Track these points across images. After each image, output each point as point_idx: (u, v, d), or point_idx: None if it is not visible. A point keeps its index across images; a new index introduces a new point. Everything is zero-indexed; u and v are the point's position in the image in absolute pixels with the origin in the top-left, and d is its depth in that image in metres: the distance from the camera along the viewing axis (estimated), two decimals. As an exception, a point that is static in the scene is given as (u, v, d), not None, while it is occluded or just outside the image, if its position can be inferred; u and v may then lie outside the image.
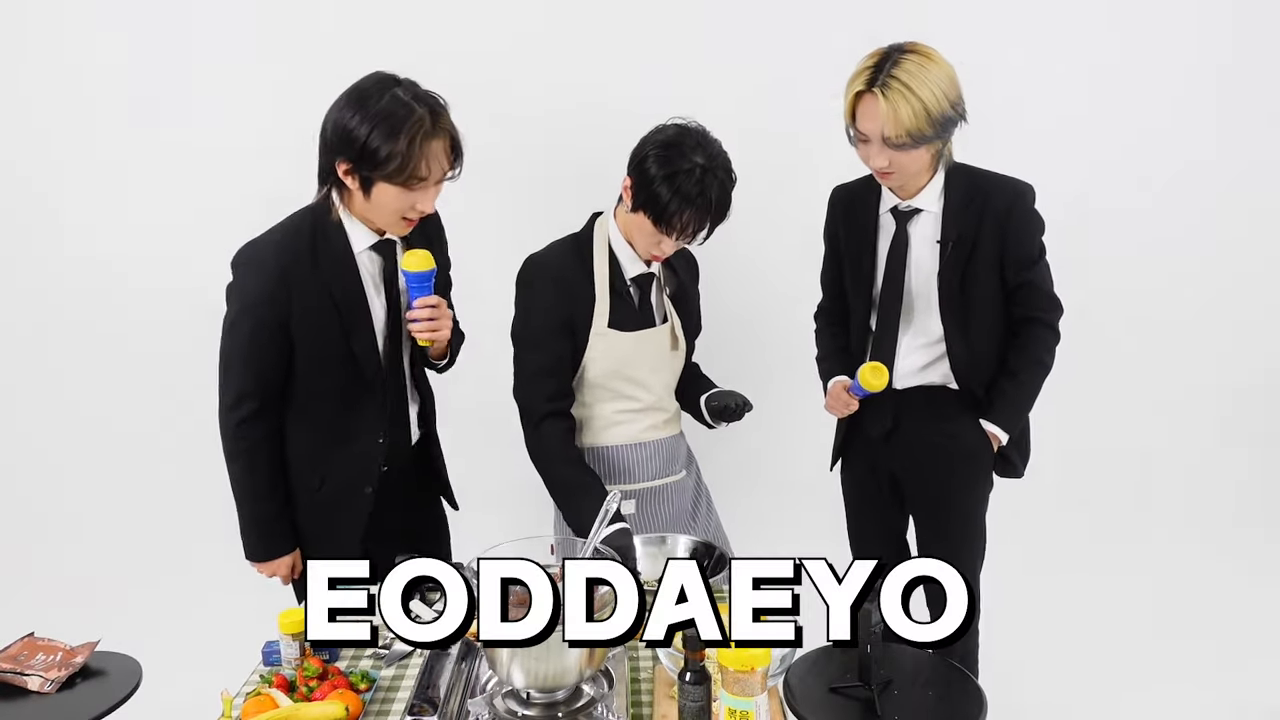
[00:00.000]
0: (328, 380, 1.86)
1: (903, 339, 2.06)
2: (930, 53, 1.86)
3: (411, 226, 1.83)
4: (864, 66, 1.88)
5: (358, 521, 1.94)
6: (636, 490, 2.08)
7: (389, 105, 1.67)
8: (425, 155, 1.69)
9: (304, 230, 1.80)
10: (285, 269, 1.76)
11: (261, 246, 1.81)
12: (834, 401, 2.16)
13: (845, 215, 2.14)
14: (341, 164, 1.71)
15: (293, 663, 1.61)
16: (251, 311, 1.79)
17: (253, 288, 1.78)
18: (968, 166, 2.03)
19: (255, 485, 1.89)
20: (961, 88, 1.87)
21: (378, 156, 1.66)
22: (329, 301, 1.80)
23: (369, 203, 1.75)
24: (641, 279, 2.03)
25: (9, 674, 1.68)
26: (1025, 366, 2.05)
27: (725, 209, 1.89)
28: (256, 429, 1.86)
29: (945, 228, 1.99)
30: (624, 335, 2.00)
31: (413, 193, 1.73)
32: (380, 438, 1.92)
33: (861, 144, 1.92)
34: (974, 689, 1.59)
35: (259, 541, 1.93)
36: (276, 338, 1.79)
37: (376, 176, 1.69)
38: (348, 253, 1.82)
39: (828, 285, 2.28)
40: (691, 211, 1.85)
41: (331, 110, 1.73)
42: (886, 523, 2.26)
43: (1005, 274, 2.01)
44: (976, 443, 2.07)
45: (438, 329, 1.84)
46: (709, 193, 1.84)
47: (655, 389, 2.07)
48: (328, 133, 1.73)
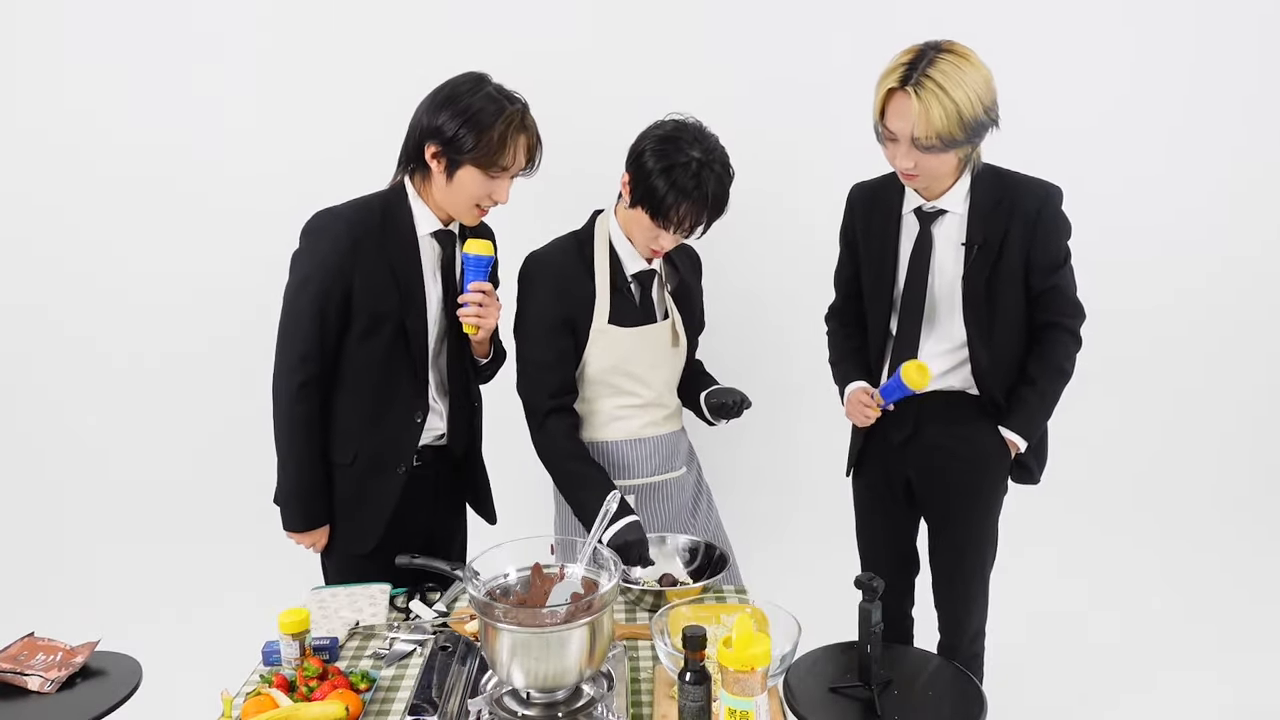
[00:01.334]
0: (378, 355, 1.91)
1: (924, 343, 2.02)
2: (967, 53, 1.80)
3: (482, 216, 1.94)
4: (898, 63, 1.82)
5: (387, 502, 1.96)
6: (636, 486, 2.08)
7: (485, 98, 1.81)
8: (515, 146, 1.83)
9: (375, 208, 1.90)
10: (356, 240, 1.85)
11: (334, 217, 1.89)
12: (854, 409, 2.10)
13: (866, 214, 2.09)
14: (431, 146, 1.83)
15: (293, 663, 1.60)
16: (319, 277, 1.85)
17: (323, 254, 1.86)
18: (995, 167, 1.98)
19: (304, 456, 1.92)
20: (996, 91, 1.82)
21: (470, 141, 1.79)
22: (390, 278, 1.88)
23: (450, 186, 1.86)
24: (642, 275, 2.04)
25: (9, 674, 1.68)
26: (1046, 374, 2.01)
27: (723, 203, 1.90)
28: (314, 395, 1.90)
29: (971, 230, 1.94)
30: (624, 331, 2.01)
31: (493, 180, 1.84)
32: (418, 418, 1.97)
33: (889, 143, 1.88)
34: (974, 689, 1.59)
35: (302, 510, 1.95)
36: (340, 305, 1.87)
37: (465, 159, 1.81)
38: (412, 233, 1.91)
39: (842, 285, 2.24)
40: (688, 205, 1.85)
41: (424, 104, 1.86)
42: (896, 527, 2.23)
43: (1030, 278, 1.97)
44: (995, 449, 2.04)
45: (485, 316, 1.91)
46: (705, 186, 1.84)
47: (655, 385, 2.07)
48: (421, 122, 1.85)
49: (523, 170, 1.89)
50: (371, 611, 1.80)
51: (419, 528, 2.05)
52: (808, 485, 3.21)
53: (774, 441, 3.33)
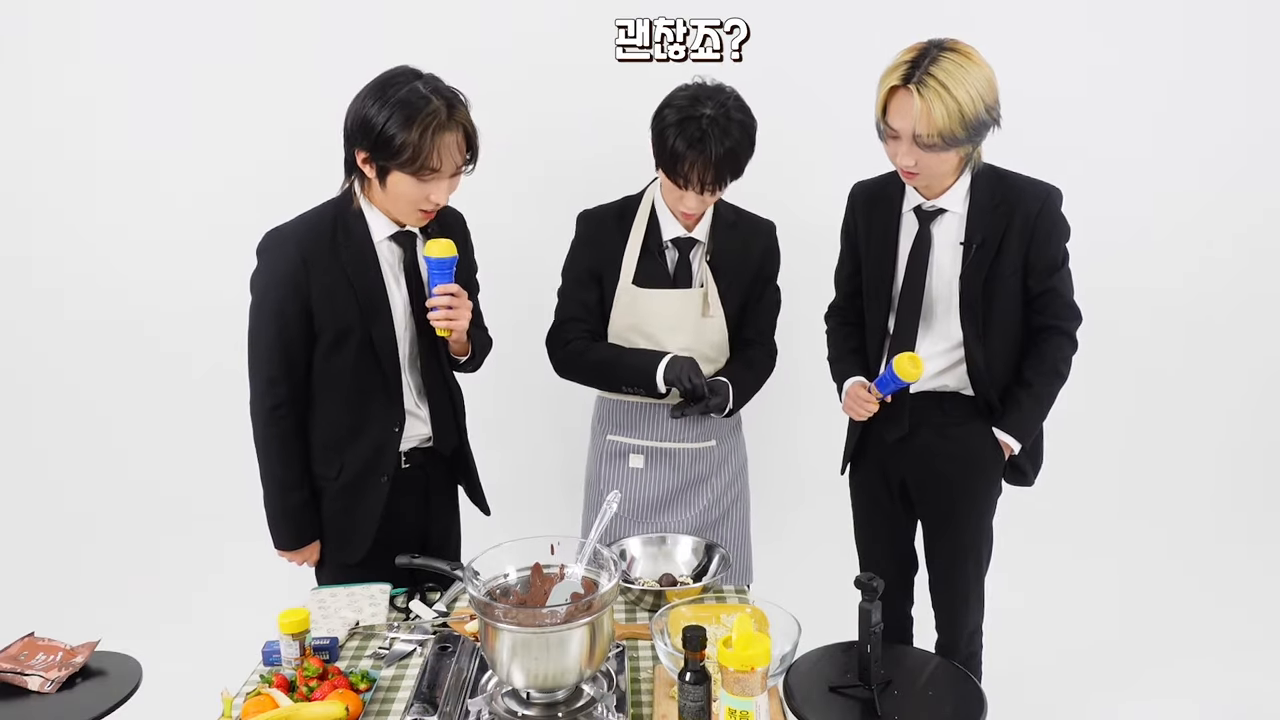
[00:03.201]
0: (348, 369, 1.88)
1: (921, 342, 2.02)
2: (971, 52, 1.81)
3: (428, 219, 1.88)
4: (901, 60, 1.82)
5: (373, 512, 1.95)
6: (645, 446, 2.14)
7: (407, 96, 1.72)
8: (437, 147, 1.73)
9: (326, 218, 1.86)
10: (306, 253, 1.82)
11: (284, 233, 1.86)
12: (853, 403, 2.09)
13: (866, 212, 2.10)
14: (360, 152, 1.78)
15: (293, 663, 1.61)
16: (275, 295, 1.83)
17: (275, 272, 1.83)
18: (995, 167, 1.98)
19: (287, 475, 1.91)
20: (999, 92, 1.83)
21: (392, 145, 1.71)
22: (348, 288, 1.84)
23: (385, 193, 1.81)
24: (682, 242, 2.06)
25: (9, 674, 1.68)
26: (1041, 376, 2.01)
27: (736, 161, 1.91)
28: (289, 417, 1.89)
29: (970, 229, 1.95)
30: (644, 292, 2.05)
31: (426, 184, 1.77)
32: (396, 427, 1.94)
33: (890, 140, 1.88)
34: (974, 689, 1.59)
35: (291, 531, 1.95)
36: (300, 321, 1.84)
37: (391, 166, 1.75)
38: (367, 241, 1.86)
39: (842, 284, 2.24)
40: (697, 159, 1.87)
41: (354, 100, 1.78)
42: (894, 527, 2.23)
43: (1028, 280, 1.97)
44: (989, 450, 2.04)
45: (455, 318, 1.86)
46: (712, 142, 1.86)
47: (670, 349, 2.05)
48: (349, 121, 1.78)
49: (462, 168, 1.82)
50: (371, 611, 1.80)
51: (413, 529, 2.04)
52: (808, 485, 3.20)
53: (774, 441, 3.32)
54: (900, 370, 1.91)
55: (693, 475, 2.16)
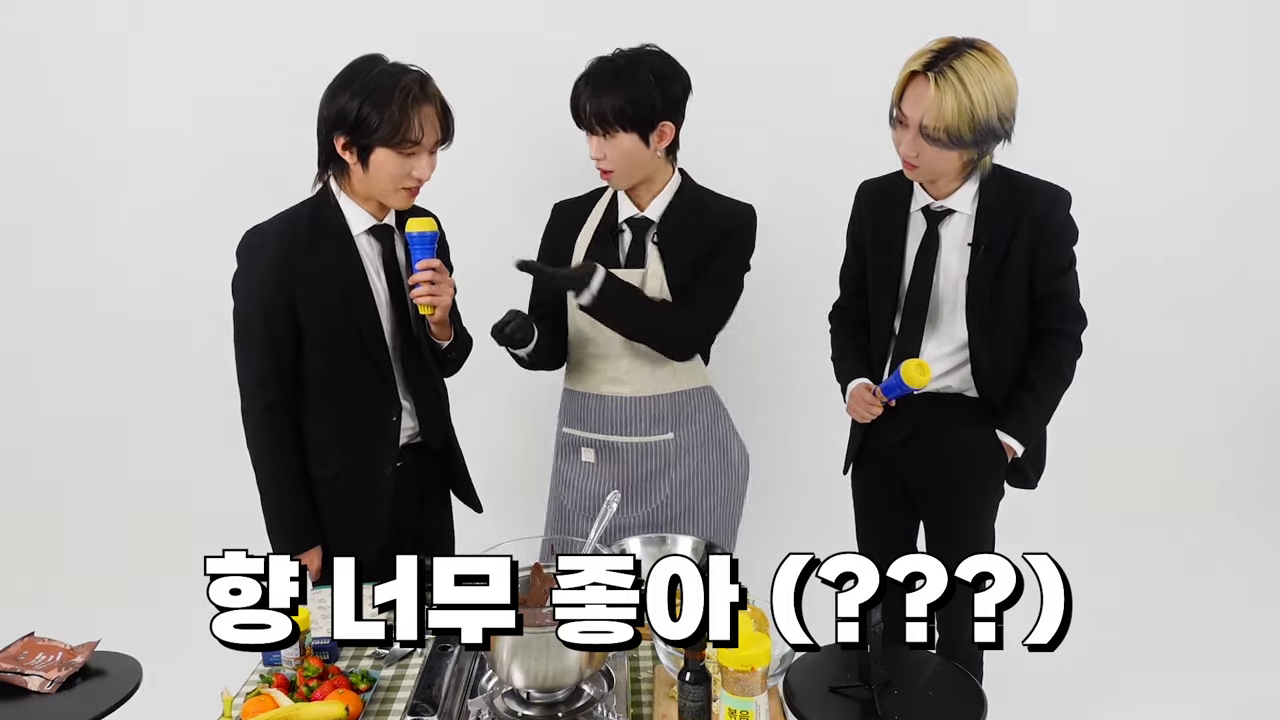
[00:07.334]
0: (337, 362, 1.88)
1: (927, 343, 2.01)
2: (998, 57, 1.80)
3: (413, 197, 1.88)
4: (927, 49, 1.82)
5: (378, 510, 1.95)
6: (594, 440, 2.12)
7: (378, 77, 1.76)
8: (419, 117, 1.77)
9: (304, 214, 1.87)
10: (286, 250, 1.82)
11: (262, 232, 1.86)
12: (857, 405, 2.08)
13: (874, 211, 2.08)
14: (339, 138, 1.79)
15: (293, 663, 1.60)
16: (257, 295, 1.83)
17: (256, 272, 1.83)
18: (1005, 169, 1.97)
19: (283, 480, 1.90)
20: (1017, 104, 1.81)
21: (372, 123, 1.74)
22: (330, 282, 1.84)
23: (368, 174, 1.80)
24: (637, 223, 2.04)
25: (9, 674, 1.67)
26: (1044, 379, 2.00)
27: (627, 99, 1.87)
28: (283, 417, 1.88)
29: (978, 231, 1.94)
30: None
31: (409, 158, 1.79)
32: (394, 416, 1.94)
33: (899, 126, 1.88)
34: (974, 689, 1.59)
35: (290, 537, 1.93)
36: (285, 319, 1.83)
37: (374, 143, 1.76)
38: (346, 234, 1.87)
39: (847, 283, 2.23)
40: (583, 91, 1.91)
41: (325, 94, 1.81)
42: (896, 528, 2.22)
43: (1035, 282, 1.96)
44: (991, 453, 2.03)
45: (438, 294, 1.84)
46: (603, 76, 1.89)
47: (607, 331, 2.02)
48: (324, 113, 1.80)
49: (440, 142, 1.84)
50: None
51: (408, 530, 2.04)
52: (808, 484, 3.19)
53: (774, 440, 3.32)
54: (907, 377, 1.90)
55: (645, 470, 2.13)
